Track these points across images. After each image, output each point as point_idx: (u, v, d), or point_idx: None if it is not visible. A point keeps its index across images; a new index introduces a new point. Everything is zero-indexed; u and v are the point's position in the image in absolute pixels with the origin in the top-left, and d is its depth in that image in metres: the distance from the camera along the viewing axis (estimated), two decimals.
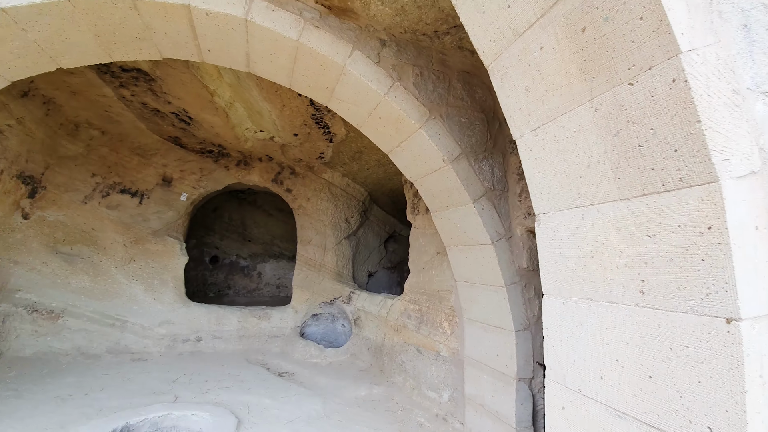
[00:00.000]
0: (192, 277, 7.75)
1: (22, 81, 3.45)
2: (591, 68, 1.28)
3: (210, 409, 3.70)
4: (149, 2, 2.34)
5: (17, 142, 3.90)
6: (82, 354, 4.73)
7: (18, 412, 3.20)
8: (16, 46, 2.36)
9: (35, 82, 3.66)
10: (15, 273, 4.41)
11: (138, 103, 4.31)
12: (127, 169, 5.25)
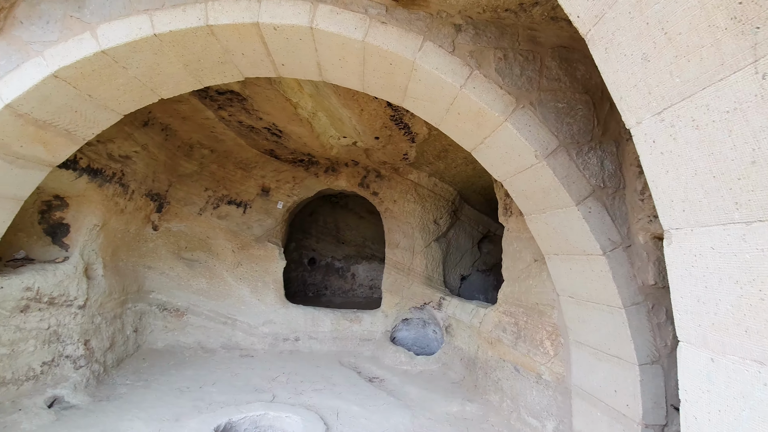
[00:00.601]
0: (293, 277, 8.31)
1: (141, 112, 3.98)
2: (752, 13, 0.83)
3: (302, 413, 3.80)
4: (223, 26, 2.41)
5: (144, 166, 4.54)
6: (202, 348, 5.34)
7: (144, 402, 3.68)
8: (121, 83, 2.66)
9: (153, 112, 4.20)
10: (149, 277, 5.19)
11: (235, 122, 4.67)
12: (233, 182, 5.78)
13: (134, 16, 2.37)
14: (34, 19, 2.44)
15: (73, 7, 2.41)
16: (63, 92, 2.54)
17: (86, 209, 3.97)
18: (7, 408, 3.19)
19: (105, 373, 4.15)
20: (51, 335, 3.60)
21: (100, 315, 4.19)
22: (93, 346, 4.02)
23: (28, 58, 2.40)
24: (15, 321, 3.32)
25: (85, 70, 2.47)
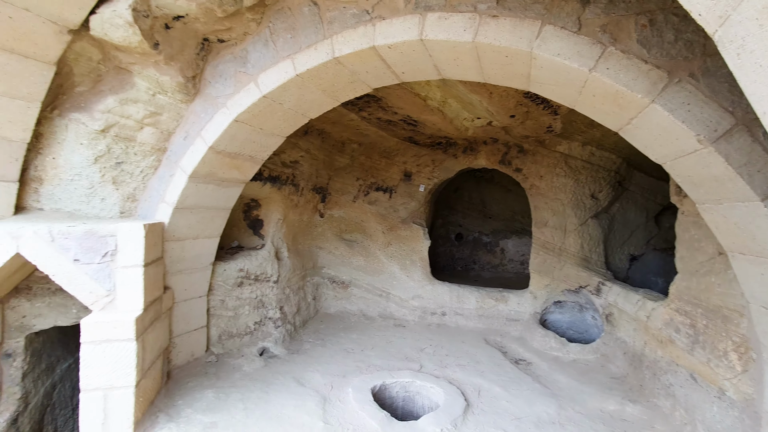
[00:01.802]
0: (441, 252, 8.69)
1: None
2: None
3: (444, 386, 4.12)
4: (346, 55, 2.70)
5: (308, 166, 5.46)
6: (363, 315, 6.26)
7: (321, 357, 4.63)
8: (280, 115, 3.28)
9: (310, 122, 4.96)
10: (320, 255, 6.31)
11: (374, 119, 5.09)
12: (379, 170, 6.36)
13: (281, 62, 2.88)
14: (217, 78, 3.23)
15: (240, 64, 3.09)
16: (243, 130, 3.32)
17: (272, 207, 5.10)
18: (234, 354, 4.52)
19: (295, 332, 5.36)
20: (258, 303, 4.86)
21: (288, 287, 5.39)
22: (286, 311, 5.24)
23: (217, 109, 3.22)
24: (235, 293, 4.62)
25: (254, 112, 3.16)
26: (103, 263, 2.82)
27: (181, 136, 3.33)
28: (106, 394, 2.73)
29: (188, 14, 2.73)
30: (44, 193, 3.25)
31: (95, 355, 2.71)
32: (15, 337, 3.31)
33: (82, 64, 2.96)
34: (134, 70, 3.02)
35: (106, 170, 3.30)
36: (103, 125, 3.10)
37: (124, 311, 2.83)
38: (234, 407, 3.44)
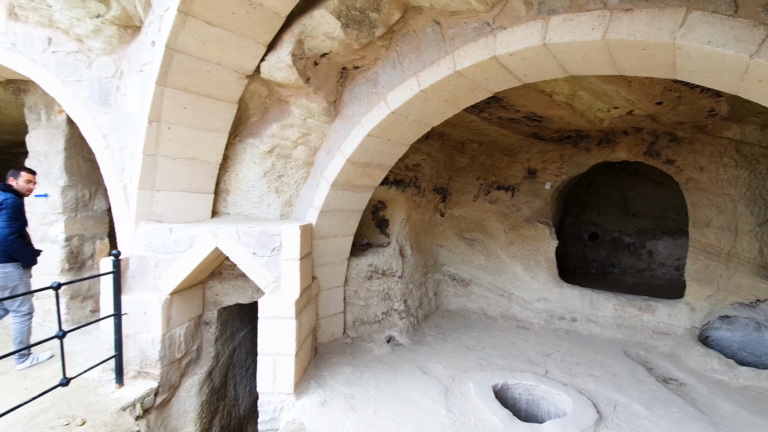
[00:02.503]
0: (571, 253, 8.04)
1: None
2: None
3: (573, 395, 3.95)
4: (467, 68, 2.85)
5: (429, 168, 5.74)
6: (484, 314, 6.28)
7: (443, 351, 4.88)
8: (405, 127, 3.61)
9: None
10: (440, 253, 6.54)
11: (496, 118, 5.07)
12: (500, 168, 6.26)
13: (407, 81, 3.19)
14: (353, 100, 3.71)
15: (371, 86, 3.51)
16: (374, 143, 3.75)
17: (396, 208, 5.54)
18: (365, 338, 5.09)
19: (417, 324, 5.73)
20: (385, 295, 5.36)
21: (411, 282, 5.78)
22: (409, 304, 5.64)
23: (353, 126, 3.71)
24: (366, 285, 5.19)
25: (383, 126, 3.56)
26: (272, 256, 3.58)
27: (325, 151, 3.94)
28: (275, 359, 3.47)
29: (331, 51, 3.24)
30: (230, 201, 4.23)
31: (268, 328, 3.47)
32: (211, 309, 4.39)
33: (254, 100, 3.77)
34: (291, 100, 3.71)
35: (271, 182, 4.12)
36: (270, 147, 3.88)
37: (287, 295, 3.53)
38: (368, 384, 3.93)
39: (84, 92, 3.78)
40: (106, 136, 3.78)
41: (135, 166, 3.60)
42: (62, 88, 3.79)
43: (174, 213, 3.80)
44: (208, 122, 3.60)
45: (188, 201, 3.87)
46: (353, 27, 3.05)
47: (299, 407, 3.42)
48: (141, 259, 3.60)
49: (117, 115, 3.76)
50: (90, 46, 3.73)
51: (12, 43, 3.84)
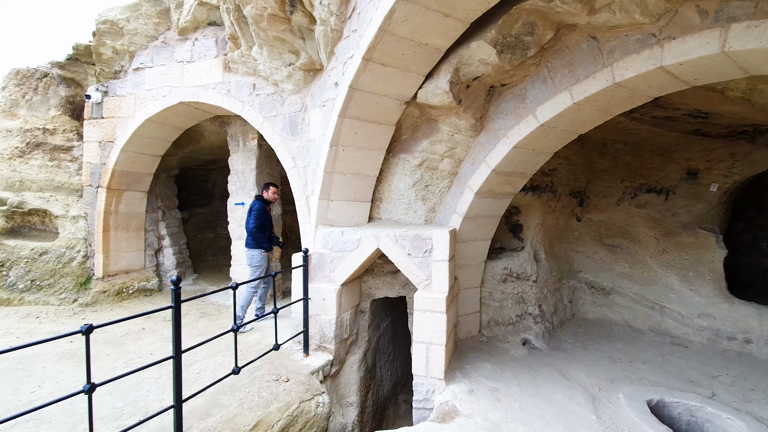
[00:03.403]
0: (744, 264, 6.88)
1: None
2: None
3: (750, 422, 3.57)
4: (629, 79, 2.89)
5: (566, 172, 5.63)
6: (629, 326, 5.88)
7: (584, 359, 4.79)
8: (552, 137, 3.75)
9: None
10: (576, 259, 6.31)
11: (648, 118, 4.76)
12: (650, 169, 5.77)
13: (558, 95, 3.34)
14: (499, 115, 3.98)
15: (519, 101, 3.73)
16: (518, 154, 3.97)
17: (531, 213, 5.59)
18: (500, 339, 5.28)
19: (552, 330, 5.68)
20: (519, 298, 5.47)
21: (545, 287, 5.76)
22: (544, 309, 5.63)
23: (499, 139, 3.98)
24: (500, 287, 5.38)
25: (530, 138, 3.75)
26: (424, 257, 4.08)
27: (469, 163, 4.29)
28: (427, 347, 3.96)
29: (483, 74, 3.58)
30: (382, 208, 4.89)
31: (421, 320, 3.98)
32: (365, 300, 5.12)
33: (407, 121, 4.33)
34: (440, 119, 4.16)
35: (419, 191, 4.65)
36: (420, 160, 4.40)
37: (437, 292, 3.99)
38: (509, 381, 4.16)
39: (278, 124, 4.85)
40: (294, 158, 4.78)
41: (316, 181, 4.48)
42: (263, 122, 4.93)
43: (341, 218, 4.60)
44: (371, 143, 4.28)
45: (352, 208, 4.64)
46: (507, 52, 3.33)
47: (450, 392, 3.85)
48: (320, 255, 4.46)
49: (302, 141, 4.72)
50: (283, 88, 4.77)
51: (227, 89, 5.14)
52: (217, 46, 5.13)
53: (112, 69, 5.84)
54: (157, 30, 5.51)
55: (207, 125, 6.47)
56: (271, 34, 4.20)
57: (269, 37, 4.27)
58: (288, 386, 3.74)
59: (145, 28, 5.48)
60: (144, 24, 5.46)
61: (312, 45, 4.30)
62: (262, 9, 3.92)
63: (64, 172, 6.64)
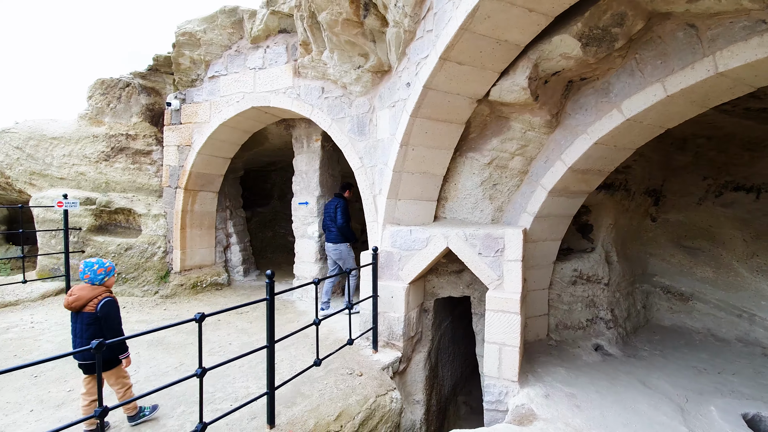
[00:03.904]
0: None
1: None
2: None
3: None
4: (734, 69, 2.69)
5: (640, 169, 5.32)
6: (712, 335, 5.45)
7: (665, 369, 4.50)
8: (637, 132, 3.57)
9: None
10: (650, 262, 5.94)
11: (740, 110, 4.40)
12: (737, 166, 5.32)
13: (648, 87, 3.17)
14: (576, 110, 3.84)
15: (601, 95, 3.59)
16: (598, 150, 3.81)
17: (603, 213, 5.34)
18: (570, 343, 5.08)
19: (626, 336, 5.39)
20: (589, 302, 5.24)
21: (618, 291, 5.47)
22: (616, 314, 5.36)
23: (576, 136, 3.84)
24: (569, 290, 5.19)
25: (613, 134, 3.59)
26: (495, 257, 4.02)
27: (542, 161, 4.18)
28: (500, 348, 3.91)
29: (564, 69, 3.48)
30: (447, 207, 4.88)
31: (494, 320, 3.93)
32: (429, 299, 5.13)
33: (476, 119, 4.29)
34: (512, 116, 4.08)
35: (486, 190, 4.59)
36: (489, 159, 4.35)
37: (510, 292, 3.92)
38: (586, 387, 4.00)
39: (346, 126, 4.98)
40: (361, 158, 4.89)
41: (384, 180, 4.56)
42: (332, 124, 5.09)
43: (408, 217, 4.64)
44: (440, 142, 4.29)
45: (418, 207, 4.67)
46: (593, 45, 3.21)
47: (524, 395, 3.77)
48: (388, 254, 4.53)
49: (369, 141, 4.82)
50: (351, 90, 4.89)
51: (297, 93, 5.35)
52: (288, 53, 5.36)
53: (189, 78, 6.28)
54: (231, 39, 5.85)
55: (272, 128, 6.78)
56: (343, 38, 4.32)
57: (341, 42, 4.40)
58: (363, 380, 3.83)
59: (220, 38, 5.84)
60: (219, 34, 5.81)
61: (382, 47, 4.38)
62: (337, 15, 4.05)
63: (143, 174, 7.21)
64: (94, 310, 2.66)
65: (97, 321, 2.67)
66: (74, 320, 2.72)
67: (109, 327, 2.69)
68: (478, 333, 4.94)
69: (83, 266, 2.80)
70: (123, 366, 2.85)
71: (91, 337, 2.62)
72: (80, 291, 2.71)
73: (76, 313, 2.70)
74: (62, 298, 6.17)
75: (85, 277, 2.77)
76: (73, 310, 2.69)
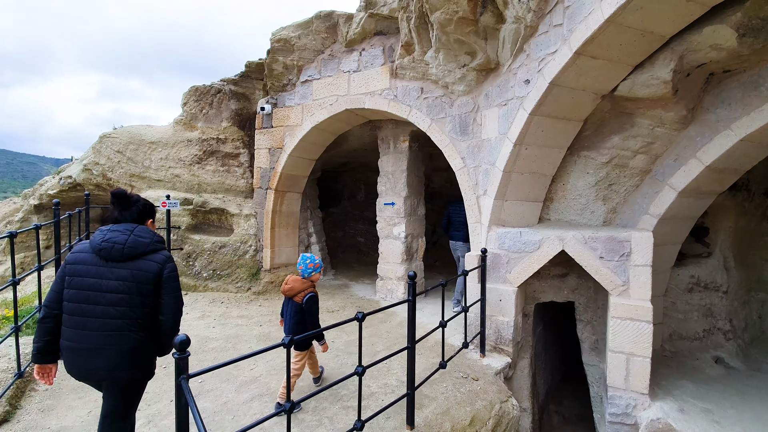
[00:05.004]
0: None
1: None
2: None
3: None
4: None
5: (761, 167, 4.87)
6: None
7: None
8: None
9: None
10: (765, 268, 5.43)
11: None
12: None
13: None
14: (718, 105, 3.57)
15: (750, 88, 3.31)
16: (741, 147, 3.52)
17: (722, 215, 4.94)
18: (686, 355, 4.74)
19: (745, 348, 4.95)
20: (706, 311, 4.87)
21: (735, 300, 5.04)
22: (735, 325, 4.94)
23: (717, 132, 3.56)
24: (685, 297, 4.84)
25: (763, 130, 3.30)
26: (620, 261, 3.82)
27: (671, 159, 3.93)
28: (627, 358, 3.70)
29: (711, 60, 3.24)
30: (552, 208, 4.71)
31: (620, 328, 3.73)
32: (530, 303, 4.97)
33: (594, 116, 4.10)
34: (637, 112, 3.86)
35: (600, 190, 4.38)
36: (608, 158, 4.15)
37: (639, 299, 3.71)
38: (720, 403, 3.71)
39: (447, 126, 4.95)
40: (463, 158, 4.84)
41: (489, 181, 4.48)
42: (431, 124, 5.07)
43: (513, 219, 4.52)
44: (554, 140, 4.14)
45: (524, 208, 4.54)
46: (750, 36, 2.97)
47: (658, 409, 3.55)
48: (495, 256, 4.44)
49: (473, 141, 4.76)
50: (453, 90, 4.85)
51: (394, 95, 5.38)
52: (384, 54, 5.41)
53: (281, 83, 6.50)
54: (324, 44, 6.00)
55: (355, 130, 6.88)
56: (453, 37, 4.29)
57: (449, 41, 4.36)
58: (482, 386, 3.77)
59: (314, 43, 6.00)
60: (313, 40, 5.97)
61: (492, 45, 4.30)
62: (453, 13, 4.02)
63: (231, 176, 7.56)
64: (301, 302, 3.16)
65: (301, 310, 3.17)
66: (286, 304, 3.30)
67: (310, 319, 3.18)
68: (584, 340, 4.73)
69: (301, 259, 3.29)
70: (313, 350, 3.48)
71: (297, 322, 3.19)
72: (293, 282, 3.24)
73: (288, 298, 3.26)
74: None
75: (299, 269, 3.26)
76: (286, 296, 3.26)
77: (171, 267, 2.03)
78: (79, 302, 1.91)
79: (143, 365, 2.00)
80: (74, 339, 1.90)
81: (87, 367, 1.90)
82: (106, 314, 1.90)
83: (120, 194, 2.11)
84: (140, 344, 1.96)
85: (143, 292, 1.94)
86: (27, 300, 5.50)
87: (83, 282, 1.93)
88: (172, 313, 1.99)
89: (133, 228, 2.07)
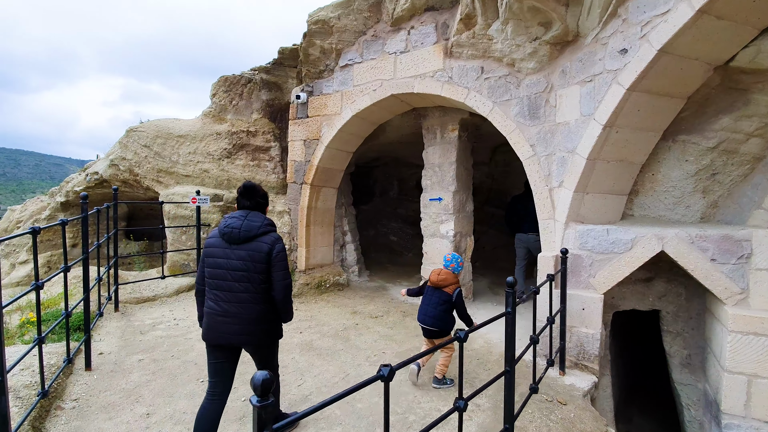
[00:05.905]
0: None
1: None
2: None
3: None
4: None
5: None
6: None
7: None
8: None
9: None
10: None
11: None
12: None
13: None
14: None
15: None
16: None
17: None
18: None
19: None
20: None
21: None
22: None
23: None
24: None
25: None
26: (737, 264, 3.20)
27: None
28: (749, 380, 3.07)
29: None
30: (636, 202, 4.09)
31: (739, 344, 3.10)
32: (608, 312, 4.36)
33: (696, 94, 3.47)
34: (753, 88, 3.23)
35: (699, 181, 3.75)
36: (715, 142, 3.52)
37: (761, 309, 3.08)
38: None
39: (513, 109, 4.37)
40: (533, 145, 4.25)
41: (566, 171, 3.89)
42: (493, 108, 4.50)
43: (593, 215, 3.92)
44: (650, 122, 3.53)
45: (606, 202, 3.93)
46: None
47: None
48: (575, 257, 3.85)
49: (545, 126, 4.17)
50: (520, 68, 4.28)
51: (449, 76, 4.83)
52: (437, 32, 4.86)
53: (317, 69, 6.03)
54: (366, 24, 5.49)
55: (395, 119, 6.35)
56: (527, 4, 3.72)
57: (522, 9, 3.79)
58: (574, 411, 3.19)
59: (355, 23, 5.50)
60: (354, 20, 5.47)
61: (574, 12, 3.72)
62: None
63: (262, 171, 7.13)
64: (451, 294, 3.40)
65: (449, 302, 3.40)
66: (431, 292, 3.49)
67: (460, 312, 3.44)
68: (673, 355, 4.10)
69: (451, 257, 3.60)
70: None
71: (443, 312, 3.40)
72: (447, 275, 3.48)
73: (434, 288, 3.47)
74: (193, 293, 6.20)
75: (451, 266, 3.54)
76: (435, 285, 3.46)
77: (279, 247, 2.37)
78: (214, 278, 2.32)
79: (267, 331, 2.38)
80: (211, 309, 2.32)
81: (220, 331, 2.29)
82: (233, 288, 2.28)
83: (249, 186, 2.48)
84: (262, 314, 2.32)
85: (259, 270, 2.28)
86: (53, 302, 5.16)
87: (215, 262, 2.32)
88: (282, 288, 2.33)
89: (247, 214, 2.40)
